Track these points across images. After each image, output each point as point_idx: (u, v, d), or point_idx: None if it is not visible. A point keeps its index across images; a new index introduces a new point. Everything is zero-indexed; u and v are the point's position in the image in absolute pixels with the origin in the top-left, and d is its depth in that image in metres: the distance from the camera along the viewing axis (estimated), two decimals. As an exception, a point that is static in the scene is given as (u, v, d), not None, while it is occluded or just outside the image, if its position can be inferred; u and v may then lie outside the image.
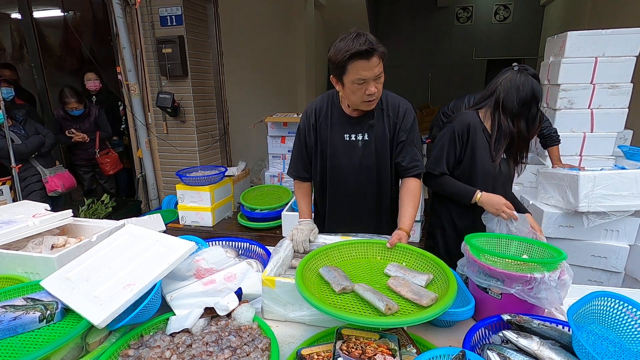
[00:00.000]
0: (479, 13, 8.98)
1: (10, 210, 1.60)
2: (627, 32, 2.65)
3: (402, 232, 1.39)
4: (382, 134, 1.53)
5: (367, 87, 1.36)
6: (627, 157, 2.81)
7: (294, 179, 1.71)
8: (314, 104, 1.61)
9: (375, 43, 1.30)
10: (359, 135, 1.54)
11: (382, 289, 1.13)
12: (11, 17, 5.08)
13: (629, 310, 0.96)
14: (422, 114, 8.20)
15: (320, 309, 0.95)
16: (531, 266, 1.15)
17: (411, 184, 1.53)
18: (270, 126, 3.82)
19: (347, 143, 1.55)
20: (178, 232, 3.28)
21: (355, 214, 1.65)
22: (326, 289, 1.13)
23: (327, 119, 1.57)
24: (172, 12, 3.58)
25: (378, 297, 1.02)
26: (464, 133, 1.62)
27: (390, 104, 1.53)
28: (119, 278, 1.09)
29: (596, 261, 2.41)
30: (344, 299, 1.07)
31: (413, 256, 1.28)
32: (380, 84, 1.39)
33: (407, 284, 1.09)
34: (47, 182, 3.25)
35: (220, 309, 1.11)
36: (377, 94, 1.40)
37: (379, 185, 1.60)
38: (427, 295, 1.03)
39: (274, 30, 6.01)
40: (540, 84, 1.55)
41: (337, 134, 1.56)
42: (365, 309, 1.02)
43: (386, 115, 1.52)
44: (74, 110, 3.62)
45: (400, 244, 1.32)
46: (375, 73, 1.33)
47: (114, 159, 3.94)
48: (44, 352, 0.88)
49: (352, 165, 1.57)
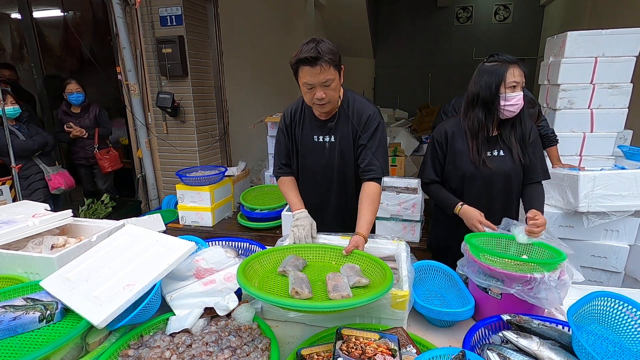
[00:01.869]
0: (479, 13, 8.99)
1: (10, 210, 1.60)
2: (627, 32, 2.65)
3: (359, 237, 1.39)
4: (346, 136, 1.60)
5: (315, 92, 1.43)
6: (627, 157, 2.80)
7: (279, 176, 1.76)
8: (291, 105, 1.70)
9: (325, 51, 1.35)
10: (326, 137, 1.63)
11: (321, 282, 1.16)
12: (11, 17, 5.08)
13: (629, 310, 0.96)
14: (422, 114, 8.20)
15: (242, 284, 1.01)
16: (531, 266, 1.16)
17: (370, 188, 1.55)
18: (270, 126, 3.82)
19: (316, 144, 1.65)
20: (178, 232, 3.28)
21: (323, 210, 1.73)
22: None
23: (300, 121, 1.66)
24: (172, 12, 3.58)
25: (297, 282, 1.06)
26: (442, 140, 1.69)
27: (356, 109, 1.58)
28: (118, 278, 1.09)
29: (596, 261, 2.41)
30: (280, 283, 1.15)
31: (365, 262, 1.26)
32: (331, 89, 1.43)
33: (338, 279, 1.10)
34: (50, 179, 3.25)
35: (220, 309, 1.11)
36: (326, 99, 1.45)
37: (343, 185, 1.69)
38: (341, 291, 1.03)
39: (274, 30, 6.02)
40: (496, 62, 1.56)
41: (308, 135, 1.65)
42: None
43: (351, 118, 1.58)
44: (73, 93, 3.61)
45: (356, 251, 1.32)
46: (320, 80, 1.39)
47: (113, 157, 3.93)
48: (44, 352, 0.88)
49: (319, 165, 1.67)
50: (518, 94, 1.51)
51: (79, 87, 3.64)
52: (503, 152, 1.63)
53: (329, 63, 1.37)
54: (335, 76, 1.41)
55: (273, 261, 1.27)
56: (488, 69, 1.56)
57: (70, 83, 3.61)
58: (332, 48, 1.38)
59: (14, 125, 3.07)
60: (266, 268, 1.24)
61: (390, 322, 1.11)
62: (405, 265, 1.25)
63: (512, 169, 1.63)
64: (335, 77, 1.42)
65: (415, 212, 2.90)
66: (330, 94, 1.45)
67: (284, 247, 1.36)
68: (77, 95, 3.64)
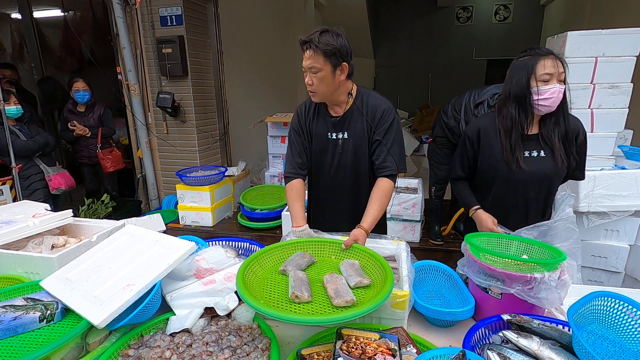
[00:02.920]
0: (479, 13, 8.99)
1: (10, 210, 1.60)
2: (627, 32, 2.65)
3: (359, 230, 1.39)
4: (360, 133, 1.58)
5: (306, 76, 1.46)
6: (627, 157, 2.80)
7: (292, 177, 1.67)
8: (305, 103, 1.68)
9: (320, 40, 1.37)
10: (339, 133, 1.61)
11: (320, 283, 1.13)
12: (11, 17, 5.08)
13: (629, 310, 0.96)
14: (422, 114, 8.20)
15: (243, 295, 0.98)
16: (531, 266, 1.15)
17: (382, 184, 1.55)
18: (270, 126, 3.82)
19: (330, 141, 1.63)
20: (178, 232, 3.28)
21: (334, 209, 1.71)
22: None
23: (314, 118, 1.65)
24: (172, 12, 3.58)
25: (297, 284, 1.04)
26: (473, 137, 1.62)
27: (370, 105, 1.57)
28: (118, 278, 1.09)
29: (596, 261, 2.41)
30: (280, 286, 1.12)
31: (365, 257, 1.25)
32: (318, 78, 1.44)
33: (337, 282, 1.07)
34: (50, 180, 3.25)
35: (220, 309, 1.11)
36: (313, 87, 1.47)
37: (356, 183, 1.66)
38: (344, 296, 1.00)
39: (274, 30, 6.02)
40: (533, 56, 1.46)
41: (322, 132, 1.63)
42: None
43: (364, 114, 1.57)
44: (80, 91, 3.61)
45: (355, 245, 1.31)
46: (307, 65, 1.43)
47: (116, 156, 3.93)
48: (44, 352, 0.88)
49: (332, 162, 1.64)
50: (552, 87, 1.39)
51: (85, 85, 3.65)
52: (544, 153, 1.51)
53: (319, 52, 1.38)
54: (323, 67, 1.41)
55: (273, 260, 1.26)
56: (518, 64, 1.48)
57: (77, 81, 3.62)
58: (333, 42, 1.38)
59: (14, 125, 3.07)
60: (266, 268, 1.23)
61: (391, 322, 1.11)
62: (406, 265, 1.25)
63: (553, 171, 1.50)
64: (324, 68, 1.41)
65: (415, 212, 2.90)
66: (317, 85, 1.45)
67: (282, 243, 1.33)
68: (84, 93, 3.64)
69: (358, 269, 1.17)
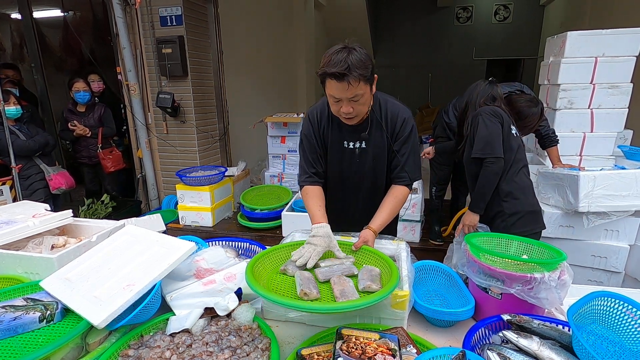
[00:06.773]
0: (479, 13, 8.98)
1: (10, 210, 1.60)
2: (627, 32, 2.65)
3: (368, 232, 1.38)
4: (379, 142, 1.53)
5: (342, 105, 1.35)
6: (627, 157, 2.80)
7: (305, 184, 1.59)
8: (316, 109, 1.58)
9: (355, 65, 1.24)
10: (356, 143, 1.54)
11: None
12: (11, 17, 5.08)
13: (629, 310, 0.96)
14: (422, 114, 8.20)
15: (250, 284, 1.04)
16: (531, 266, 1.15)
17: (397, 189, 1.53)
18: (270, 126, 3.82)
19: (345, 150, 1.56)
20: (178, 232, 3.28)
21: (349, 215, 1.66)
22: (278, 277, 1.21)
23: (328, 125, 1.56)
24: (172, 12, 3.58)
25: (304, 283, 1.06)
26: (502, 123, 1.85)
27: (389, 113, 1.50)
28: (118, 278, 1.09)
29: (596, 261, 2.41)
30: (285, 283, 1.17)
31: (373, 259, 1.26)
32: (359, 104, 1.34)
33: (345, 284, 1.09)
34: (51, 179, 3.25)
35: (220, 309, 1.11)
36: (353, 113, 1.37)
37: (373, 191, 1.61)
38: (350, 296, 1.03)
39: (274, 31, 6.02)
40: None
41: (337, 141, 1.56)
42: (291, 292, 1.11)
43: (383, 125, 1.51)
44: (80, 91, 3.61)
45: (365, 247, 1.31)
46: (348, 95, 1.30)
47: (116, 157, 3.93)
48: (44, 352, 0.88)
49: (348, 171, 1.59)
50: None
51: (85, 85, 3.65)
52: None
53: (359, 78, 1.26)
54: (365, 90, 1.31)
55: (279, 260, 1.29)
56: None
57: (78, 82, 3.62)
58: (364, 59, 1.26)
59: (14, 125, 3.07)
60: (269, 268, 1.25)
61: (391, 322, 1.11)
62: (406, 265, 1.25)
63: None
64: (366, 91, 1.32)
65: (415, 212, 2.91)
66: (359, 109, 1.37)
67: (286, 244, 1.35)
68: (84, 93, 3.64)
69: (374, 276, 1.14)
